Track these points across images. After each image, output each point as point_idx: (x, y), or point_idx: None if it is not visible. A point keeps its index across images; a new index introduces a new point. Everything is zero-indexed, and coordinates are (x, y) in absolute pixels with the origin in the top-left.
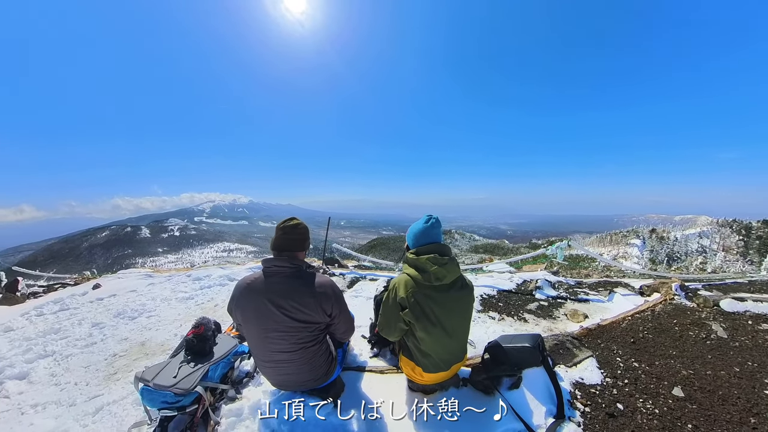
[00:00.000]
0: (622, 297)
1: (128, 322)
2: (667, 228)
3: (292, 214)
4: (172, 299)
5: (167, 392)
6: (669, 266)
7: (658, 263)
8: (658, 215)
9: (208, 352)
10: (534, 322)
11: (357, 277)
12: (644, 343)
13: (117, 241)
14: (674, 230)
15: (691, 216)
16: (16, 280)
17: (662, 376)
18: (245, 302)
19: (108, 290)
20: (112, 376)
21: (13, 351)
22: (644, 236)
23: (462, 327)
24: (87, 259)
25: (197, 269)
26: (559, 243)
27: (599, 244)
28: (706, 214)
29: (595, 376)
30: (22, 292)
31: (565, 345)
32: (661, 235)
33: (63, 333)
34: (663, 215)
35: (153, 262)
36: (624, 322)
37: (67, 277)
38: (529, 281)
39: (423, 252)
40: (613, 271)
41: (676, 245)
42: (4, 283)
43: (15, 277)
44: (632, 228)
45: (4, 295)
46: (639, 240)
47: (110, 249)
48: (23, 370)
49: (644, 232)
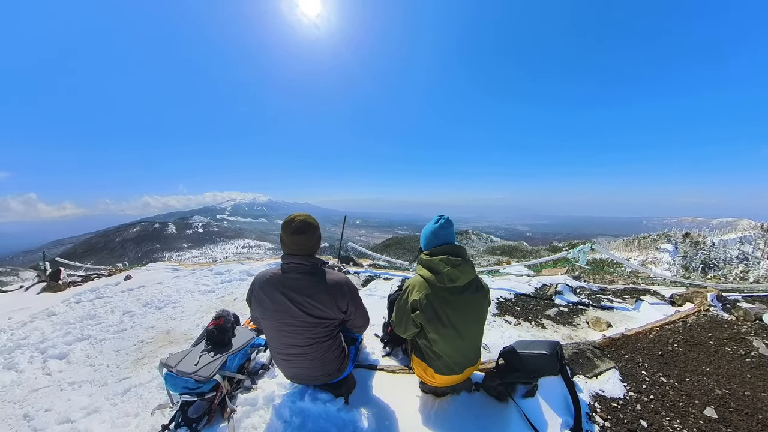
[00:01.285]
0: (650, 306)
1: (155, 312)
2: (703, 232)
3: (309, 212)
4: (195, 292)
5: (188, 378)
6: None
7: (691, 271)
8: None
9: (227, 343)
10: (553, 329)
11: (371, 275)
12: (674, 357)
13: (146, 236)
14: (711, 235)
15: (730, 219)
16: (59, 270)
17: (693, 393)
18: (264, 296)
19: (138, 281)
20: (140, 361)
21: (55, 333)
22: (677, 240)
23: (476, 330)
24: (120, 253)
25: (219, 264)
26: (582, 246)
27: (626, 248)
28: (749, 218)
29: (618, 389)
30: (64, 280)
31: (586, 354)
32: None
33: (98, 319)
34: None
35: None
36: (651, 333)
37: (102, 268)
38: (549, 285)
39: (437, 253)
40: (641, 278)
41: (713, 251)
42: (49, 272)
43: (58, 267)
44: (663, 231)
45: (48, 283)
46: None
47: (140, 243)
48: (63, 350)
49: (677, 236)
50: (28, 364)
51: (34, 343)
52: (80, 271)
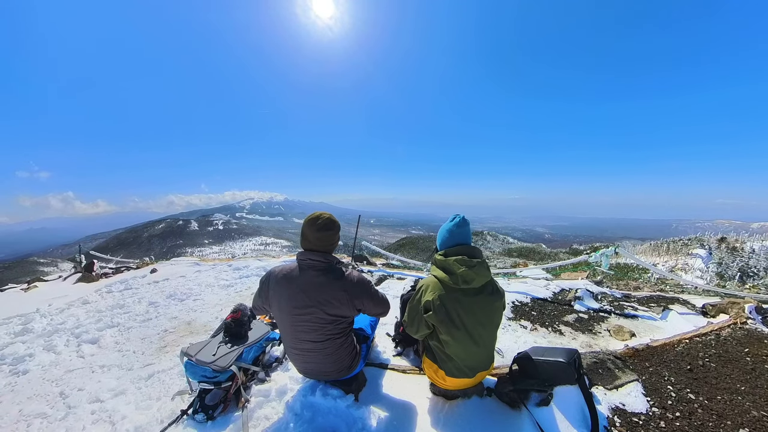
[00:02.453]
0: (679, 316)
1: (177, 303)
2: (741, 237)
3: (325, 211)
4: (215, 286)
5: (207, 368)
6: (742, 283)
7: (727, 279)
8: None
9: (244, 336)
10: (571, 336)
11: (385, 275)
12: (704, 373)
13: (171, 232)
14: (750, 240)
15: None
16: (93, 262)
17: (725, 413)
18: (280, 290)
19: (163, 275)
20: (163, 349)
21: (89, 320)
22: (711, 246)
23: (489, 334)
24: (147, 247)
25: (237, 260)
26: (605, 249)
27: (653, 253)
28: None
29: (640, 403)
30: (97, 272)
31: (606, 365)
32: (733, 245)
33: (126, 308)
34: (736, 221)
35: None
36: (680, 345)
37: (130, 261)
38: (568, 290)
39: (451, 253)
40: (670, 285)
41: (752, 258)
42: (84, 264)
43: (92, 260)
44: (696, 235)
45: (83, 274)
46: (704, 250)
47: (165, 239)
48: (95, 336)
49: (711, 241)
50: (64, 347)
51: (70, 328)
52: (111, 264)
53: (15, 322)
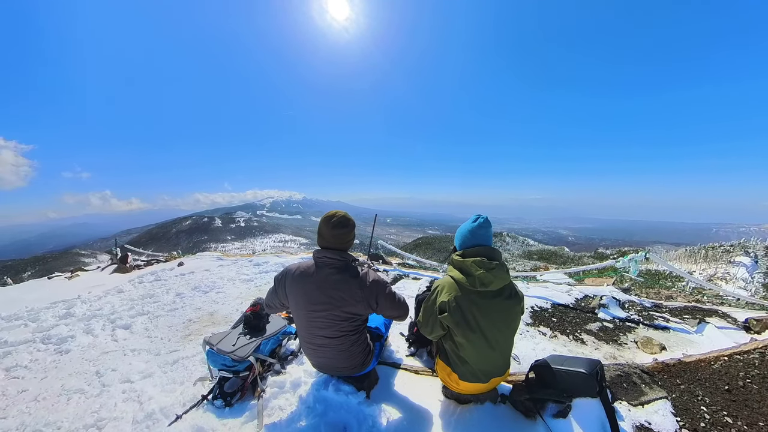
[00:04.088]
0: (717, 330)
1: (201, 295)
2: None
3: (342, 210)
4: (236, 280)
5: (227, 357)
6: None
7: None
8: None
9: (262, 329)
10: (593, 346)
11: (400, 274)
12: (744, 394)
13: (196, 228)
14: None
15: None
16: (127, 255)
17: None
18: (297, 287)
19: (189, 268)
20: (187, 337)
21: (123, 307)
22: (757, 253)
23: (506, 339)
24: (174, 242)
25: (258, 256)
26: (634, 255)
27: (689, 260)
28: None
29: (668, 422)
30: (130, 264)
31: (632, 378)
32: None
33: (155, 298)
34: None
35: (223, 247)
36: (717, 362)
37: (160, 255)
38: (592, 297)
39: (470, 254)
40: (707, 296)
41: None
42: (119, 256)
43: (126, 252)
44: (739, 241)
45: (118, 265)
46: (748, 258)
47: (191, 235)
48: (127, 322)
49: (757, 248)
50: (101, 331)
51: (106, 314)
52: (143, 257)
53: (60, 307)
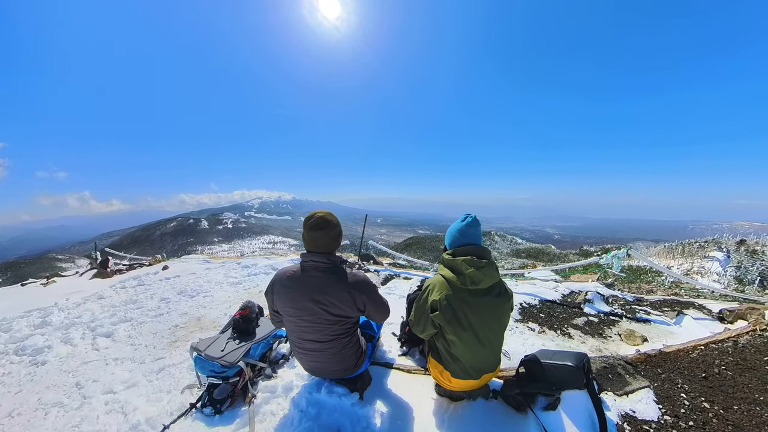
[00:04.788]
0: (694, 321)
1: (188, 300)
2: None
3: (331, 210)
4: (224, 283)
5: (215, 363)
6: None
7: (746, 284)
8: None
9: (251, 333)
10: (580, 339)
11: (391, 274)
12: (720, 381)
13: (182, 230)
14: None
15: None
16: (108, 259)
17: (741, 425)
18: (284, 292)
19: (174, 272)
20: (173, 343)
21: (103, 314)
22: (729, 248)
23: (496, 336)
24: (159, 245)
25: (246, 258)
26: (617, 251)
27: (668, 256)
28: None
29: (651, 410)
30: (111, 268)
31: (616, 370)
32: (754, 248)
33: (139, 304)
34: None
35: (210, 250)
36: (694, 351)
37: (143, 258)
38: (578, 293)
39: (460, 253)
40: (685, 289)
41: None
42: (99, 260)
43: (107, 256)
44: (713, 238)
45: (98, 270)
46: (722, 253)
47: (177, 237)
48: (109, 330)
49: (729, 244)
50: (80, 340)
51: (86, 322)
52: (125, 261)
53: (35, 315)
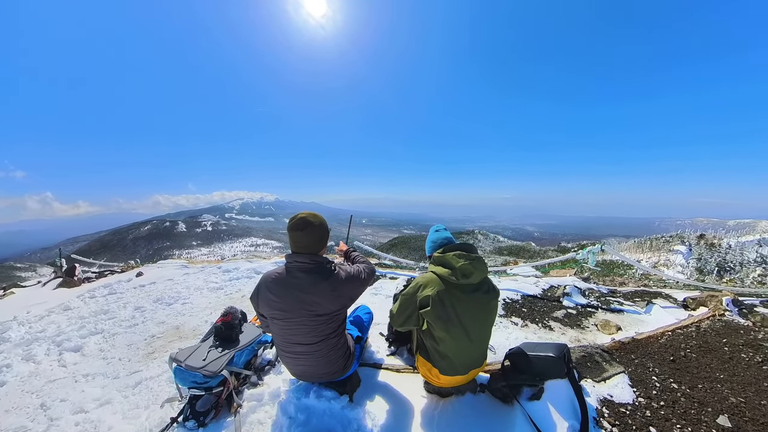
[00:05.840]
0: (662, 309)
1: (165, 308)
2: (719, 234)
3: (316, 211)
4: (204, 289)
5: (197, 373)
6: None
7: (706, 274)
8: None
9: (235, 339)
10: (560, 331)
11: (377, 275)
12: (686, 363)
13: (157, 234)
14: (727, 236)
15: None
16: (74, 266)
17: (705, 401)
18: (270, 296)
19: (149, 278)
20: (150, 355)
21: (71, 327)
22: (690, 242)
23: (484, 332)
24: (132, 250)
25: (227, 262)
26: (591, 247)
27: (637, 250)
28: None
29: (627, 394)
30: (79, 276)
31: (594, 358)
32: (711, 241)
33: (111, 314)
34: (714, 219)
35: (188, 254)
36: (663, 337)
37: (115, 265)
38: (557, 287)
39: (449, 250)
40: (653, 281)
41: (729, 254)
42: (65, 268)
43: (73, 263)
44: (677, 233)
45: (64, 278)
46: (684, 246)
47: (151, 241)
48: (78, 344)
49: (691, 238)
50: (44, 356)
51: (50, 336)
52: (94, 268)
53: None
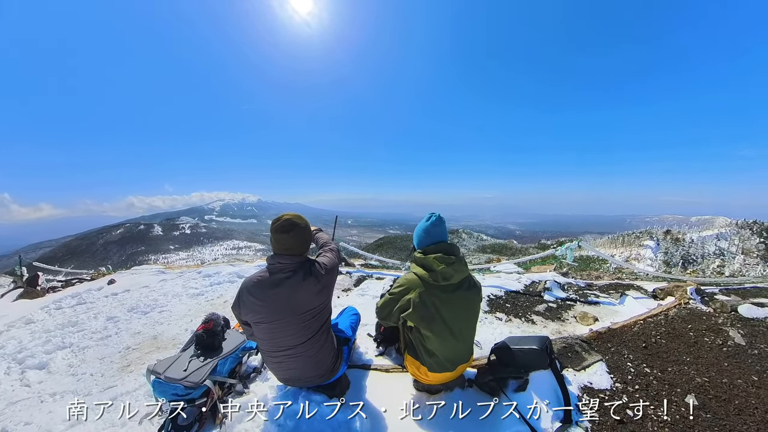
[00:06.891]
0: (634, 300)
1: (141, 317)
2: (683, 229)
3: (301, 212)
4: (183, 295)
5: (178, 385)
6: (684, 269)
7: (672, 266)
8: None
9: (217, 347)
10: (542, 324)
11: (364, 275)
12: (657, 349)
13: (131, 238)
14: (690, 232)
15: (708, 217)
16: (37, 275)
17: (675, 382)
18: (252, 299)
19: (122, 286)
20: (126, 368)
21: (34, 342)
22: (658, 238)
23: (468, 328)
24: (102, 256)
25: (207, 266)
26: (569, 244)
27: (611, 246)
28: (725, 215)
29: (605, 380)
30: (42, 286)
31: (574, 348)
32: (676, 236)
33: (80, 326)
34: (679, 216)
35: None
36: (636, 326)
37: (83, 272)
38: (538, 282)
39: (430, 251)
40: (625, 274)
41: (692, 247)
42: (26, 277)
43: (35, 272)
44: (646, 229)
45: (25, 289)
46: (653, 241)
47: (124, 246)
48: (43, 360)
49: (658, 234)
50: (4, 376)
51: (10, 354)
52: (60, 276)
53: None
